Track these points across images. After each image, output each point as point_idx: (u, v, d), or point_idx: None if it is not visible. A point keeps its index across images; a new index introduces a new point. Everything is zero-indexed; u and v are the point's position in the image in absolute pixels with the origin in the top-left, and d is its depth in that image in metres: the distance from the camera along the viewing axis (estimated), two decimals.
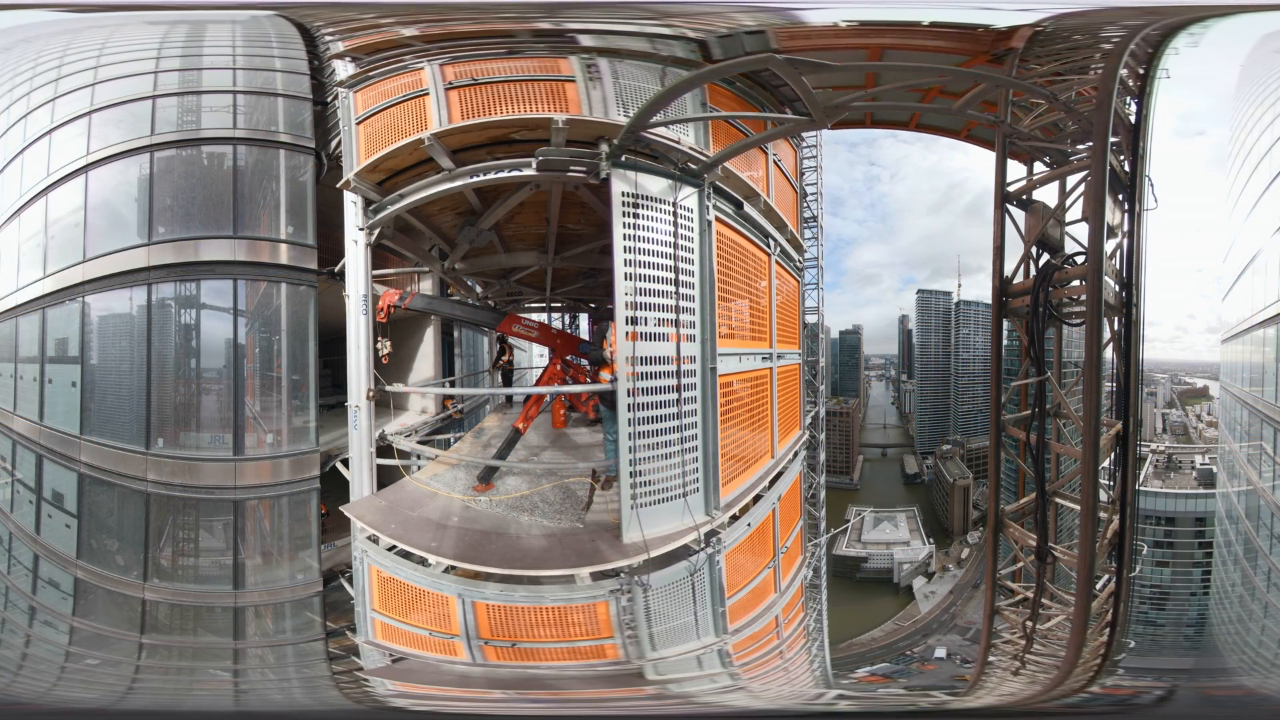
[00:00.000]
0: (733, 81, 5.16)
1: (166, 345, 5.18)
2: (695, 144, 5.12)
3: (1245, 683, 5.18)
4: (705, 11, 5.03)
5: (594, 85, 4.91)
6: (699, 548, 5.16)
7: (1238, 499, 5.38)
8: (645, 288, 4.88)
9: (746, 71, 5.08)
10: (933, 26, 4.92)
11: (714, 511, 5.19)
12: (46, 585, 5.32)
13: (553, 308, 8.00)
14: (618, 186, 4.83)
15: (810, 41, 5.00)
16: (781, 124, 5.54)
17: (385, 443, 5.94)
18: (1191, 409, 5.61)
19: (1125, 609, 5.16)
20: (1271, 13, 4.94)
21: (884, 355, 7.43)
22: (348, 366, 5.66)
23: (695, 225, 5.13)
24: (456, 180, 5.20)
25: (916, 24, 4.93)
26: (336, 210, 5.46)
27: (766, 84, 5.29)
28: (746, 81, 5.26)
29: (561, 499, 5.76)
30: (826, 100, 4.20)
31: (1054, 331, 5.33)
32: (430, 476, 6.16)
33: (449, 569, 5.17)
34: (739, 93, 5.30)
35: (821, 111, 4.32)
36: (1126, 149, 5.10)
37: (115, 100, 5.29)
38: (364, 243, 5.54)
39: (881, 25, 4.97)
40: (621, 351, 4.82)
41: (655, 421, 4.94)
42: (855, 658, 5.81)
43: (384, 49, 5.15)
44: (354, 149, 5.29)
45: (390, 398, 5.94)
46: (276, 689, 5.14)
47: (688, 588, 5.17)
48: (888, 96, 4.75)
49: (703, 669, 5.22)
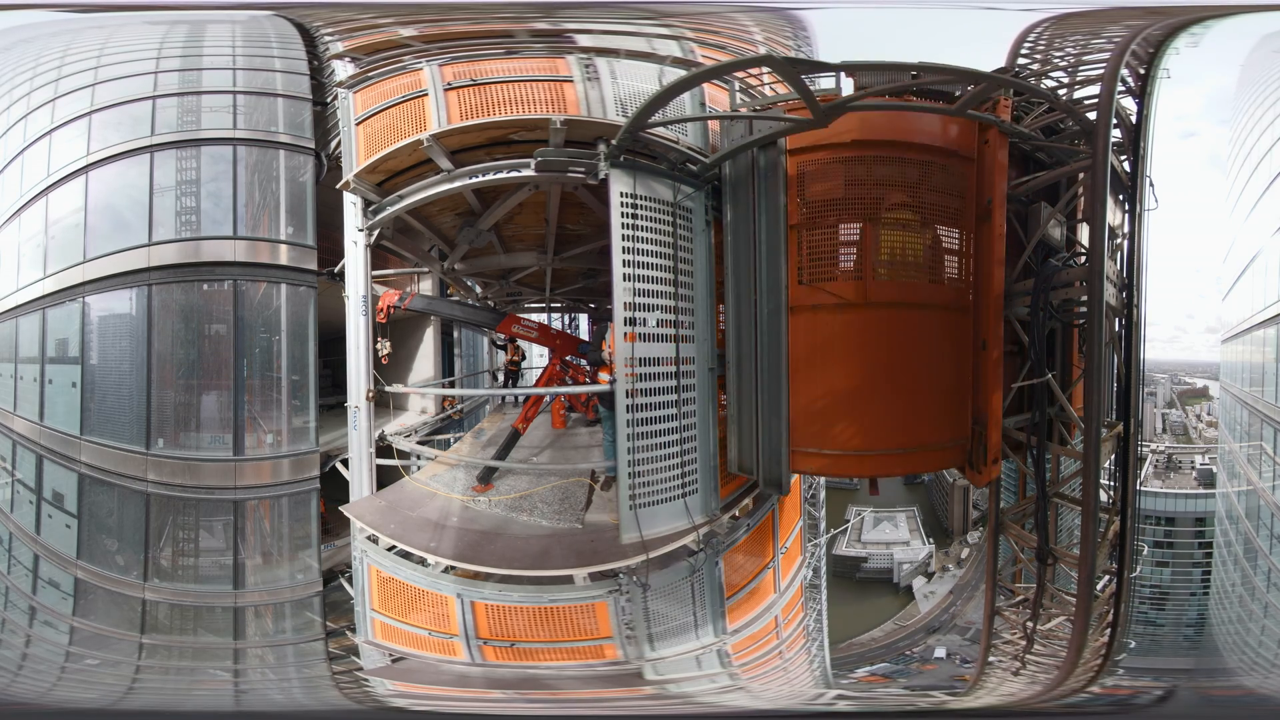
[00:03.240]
0: (732, 81, 5.15)
1: (166, 345, 5.18)
2: (694, 144, 5.12)
3: (1245, 683, 5.18)
4: (704, 12, 5.04)
5: (592, 85, 4.91)
6: (698, 548, 5.16)
7: (1238, 499, 5.37)
8: (644, 288, 4.88)
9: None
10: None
11: (713, 512, 5.19)
12: (46, 585, 5.33)
13: (552, 308, 7.99)
14: (616, 187, 4.83)
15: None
16: (781, 124, 5.53)
17: (385, 443, 5.95)
18: (1191, 409, 5.61)
19: (1125, 609, 5.15)
20: (1271, 13, 4.94)
21: None
22: (347, 367, 5.66)
23: (694, 225, 5.13)
24: (456, 181, 5.20)
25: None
26: (336, 211, 5.47)
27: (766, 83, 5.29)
28: (746, 81, 5.25)
29: (560, 499, 5.76)
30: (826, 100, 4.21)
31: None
32: (430, 477, 6.16)
33: (448, 569, 5.17)
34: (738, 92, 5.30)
35: (821, 111, 4.32)
36: (1127, 149, 5.10)
37: (115, 100, 5.30)
38: (363, 243, 5.55)
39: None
40: (620, 352, 4.82)
41: (654, 422, 4.95)
42: (855, 658, 5.80)
43: (383, 49, 5.15)
44: (353, 150, 5.30)
45: (390, 398, 5.94)
46: (276, 689, 5.15)
47: (687, 588, 5.18)
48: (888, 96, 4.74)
49: (702, 669, 5.23)
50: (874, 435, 4.91)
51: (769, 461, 5.01)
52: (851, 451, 4.93)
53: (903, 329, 4.88)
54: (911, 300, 4.87)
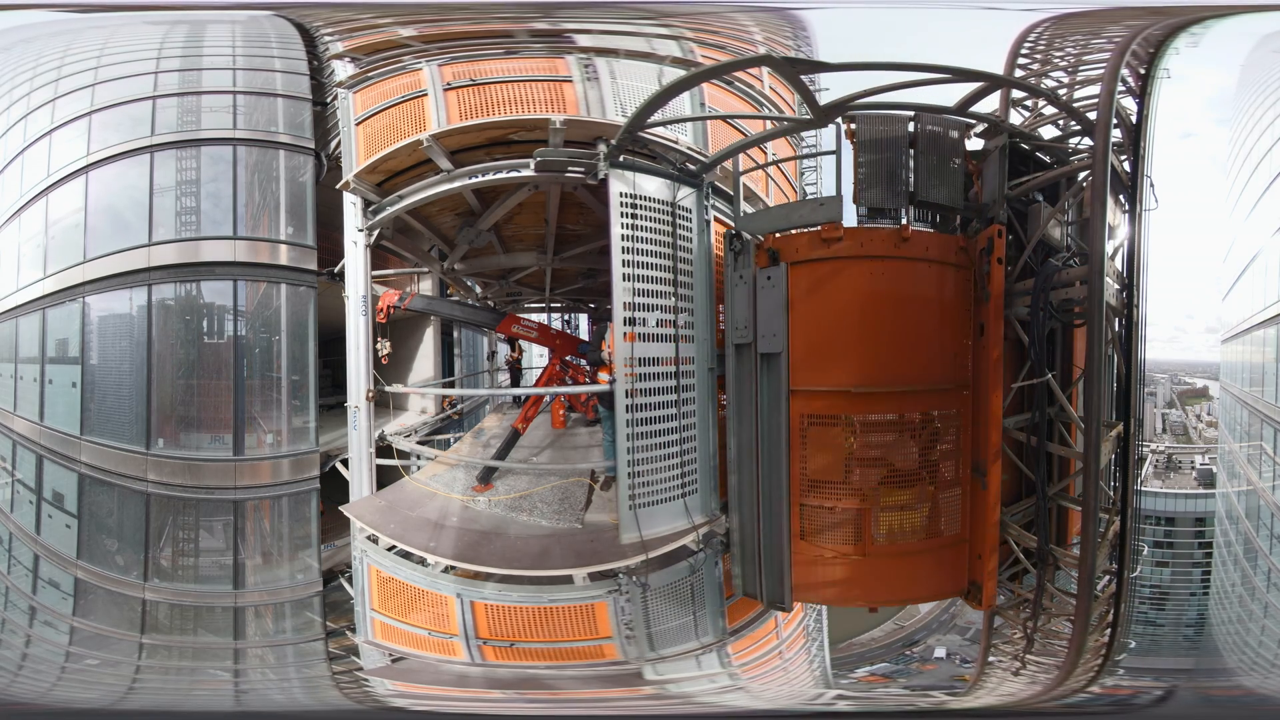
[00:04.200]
0: (731, 81, 5.15)
1: (167, 346, 5.18)
2: (693, 144, 5.12)
3: (1245, 683, 5.18)
4: (704, 12, 5.03)
5: (592, 86, 4.91)
6: (698, 548, 5.16)
7: (1238, 499, 5.37)
8: (643, 288, 4.88)
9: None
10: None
11: (713, 512, 5.19)
12: (46, 585, 5.33)
13: (552, 308, 7.99)
14: (616, 187, 4.83)
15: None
16: (781, 124, 5.54)
17: (385, 443, 5.95)
18: (1191, 409, 5.60)
19: (1125, 609, 5.15)
20: (1271, 13, 4.93)
21: None
22: (347, 367, 5.67)
23: (694, 225, 5.13)
24: (455, 181, 5.21)
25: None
26: (336, 211, 5.47)
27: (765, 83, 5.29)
28: (745, 81, 5.25)
29: (560, 499, 5.77)
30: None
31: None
32: (430, 476, 6.17)
33: (448, 569, 5.18)
34: (738, 92, 5.30)
35: (821, 111, 4.32)
36: (1127, 149, 5.09)
37: (115, 101, 5.30)
38: (363, 244, 5.56)
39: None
40: (620, 352, 4.82)
41: (654, 422, 4.95)
42: (855, 658, 5.79)
43: (383, 49, 5.15)
44: (353, 150, 5.30)
45: (390, 398, 5.95)
46: (276, 689, 5.15)
47: (687, 588, 5.18)
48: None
49: (702, 669, 5.23)
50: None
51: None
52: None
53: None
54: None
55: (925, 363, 4.86)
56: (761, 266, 4.81)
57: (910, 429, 4.83)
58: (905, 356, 4.82)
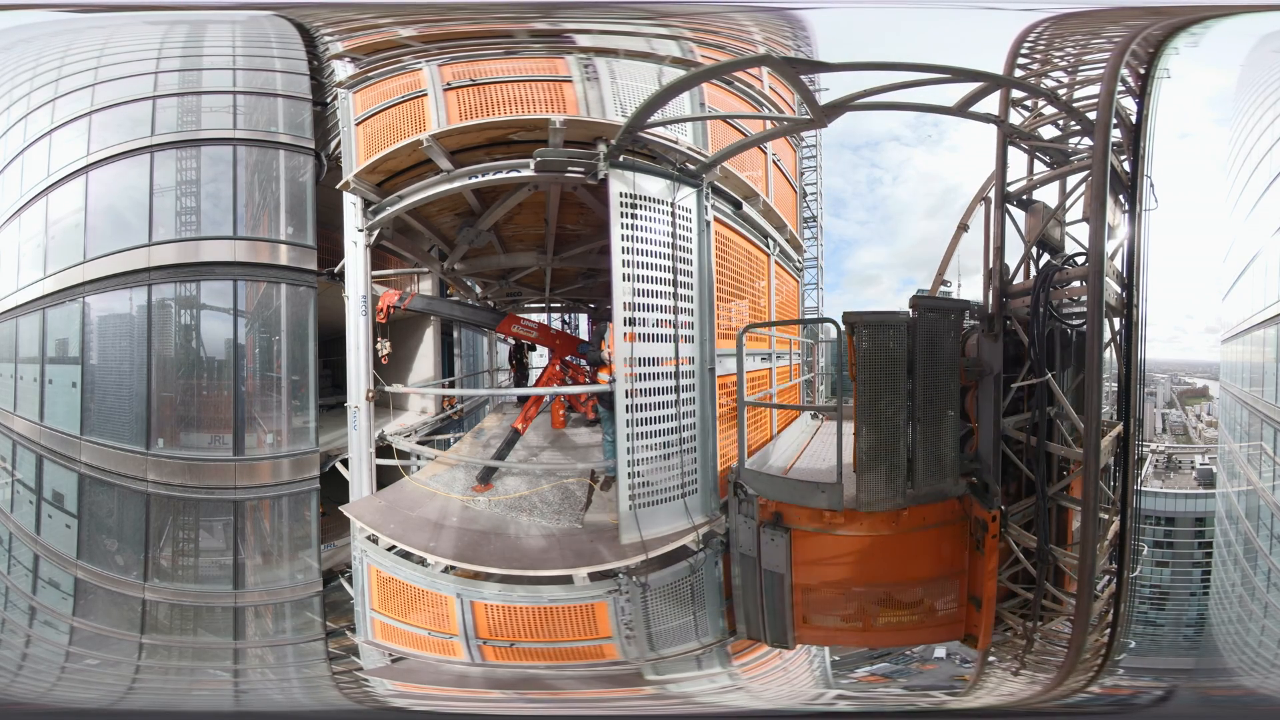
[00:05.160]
0: (731, 81, 5.15)
1: (167, 346, 5.18)
2: (693, 144, 5.12)
3: (1245, 683, 5.18)
4: (703, 12, 5.03)
5: (592, 86, 4.91)
6: (698, 548, 5.16)
7: (1238, 499, 5.37)
8: (643, 288, 4.88)
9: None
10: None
11: (713, 512, 5.19)
12: (46, 585, 5.33)
13: (552, 308, 7.99)
14: (615, 187, 4.83)
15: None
16: (780, 124, 5.54)
17: (385, 443, 5.95)
18: (1191, 409, 5.60)
19: (1125, 609, 5.14)
20: (1271, 13, 4.93)
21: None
22: (347, 367, 5.66)
23: (694, 225, 5.13)
24: (455, 181, 5.21)
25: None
26: (336, 211, 5.47)
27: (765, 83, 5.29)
28: (745, 80, 5.25)
29: (560, 499, 5.77)
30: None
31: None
32: (430, 477, 6.17)
33: (448, 569, 5.18)
34: (738, 92, 5.30)
35: (821, 111, 4.32)
36: (1127, 149, 5.09)
37: (115, 101, 5.30)
38: (363, 244, 5.56)
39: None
40: (619, 352, 4.82)
41: (654, 422, 4.95)
42: (855, 657, 5.79)
43: (383, 49, 5.15)
44: (353, 150, 5.30)
45: (390, 398, 5.95)
46: (276, 689, 5.15)
47: (687, 588, 5.18)
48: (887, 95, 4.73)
49: (702, 669, 5.22)
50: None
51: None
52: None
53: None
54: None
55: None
56: (764, 521, 5.07)
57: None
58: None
